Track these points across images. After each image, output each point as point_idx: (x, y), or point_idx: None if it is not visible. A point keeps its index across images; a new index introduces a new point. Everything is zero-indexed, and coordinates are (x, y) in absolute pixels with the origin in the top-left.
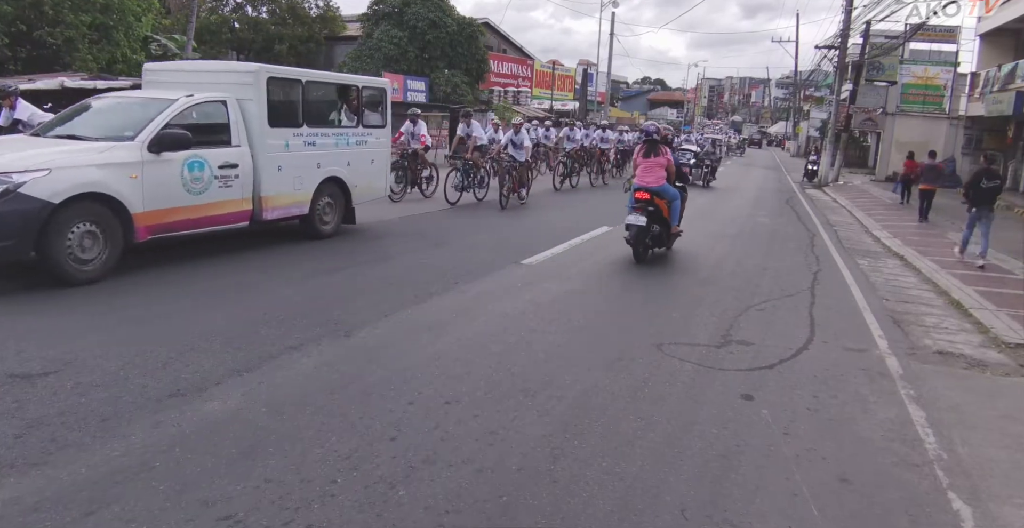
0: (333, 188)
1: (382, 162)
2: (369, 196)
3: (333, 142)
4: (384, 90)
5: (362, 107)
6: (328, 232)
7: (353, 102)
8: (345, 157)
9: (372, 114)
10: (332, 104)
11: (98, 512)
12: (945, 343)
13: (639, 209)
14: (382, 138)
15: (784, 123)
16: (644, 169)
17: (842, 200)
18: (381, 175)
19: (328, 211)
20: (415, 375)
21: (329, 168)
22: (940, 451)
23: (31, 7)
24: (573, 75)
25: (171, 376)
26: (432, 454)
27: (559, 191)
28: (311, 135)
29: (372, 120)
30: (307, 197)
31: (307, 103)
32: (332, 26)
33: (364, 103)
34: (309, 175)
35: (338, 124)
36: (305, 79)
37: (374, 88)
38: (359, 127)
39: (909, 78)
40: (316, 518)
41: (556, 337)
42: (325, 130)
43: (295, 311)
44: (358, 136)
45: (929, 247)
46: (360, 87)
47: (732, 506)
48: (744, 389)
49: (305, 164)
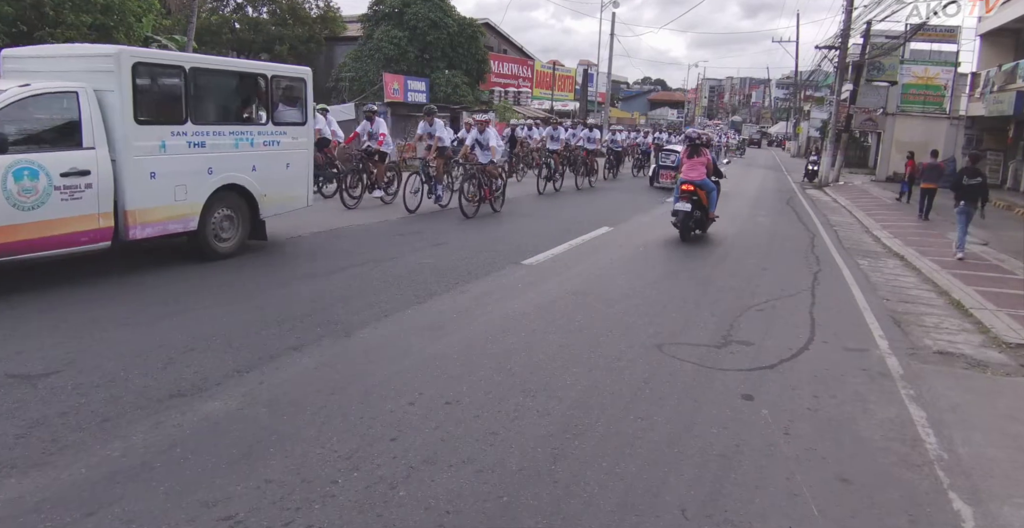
0: (233, 198)
1: (301, 166)
2: (284, 207)
3: (231, 142)
4: (304, 80)
5: (275, 101)
6: (226, 251)
7: (263, 94)
8: (249, 160)
9: (288, 109)
10: (231, 96)
11: (99, 512)
12: (945, 343)
13: (685, 198)
14: (301, 137)
15: (784, 123)
16: (688, 167)
17: (842, 200)
18: (300, 181)
19: (227, 226)
20: (416, 375)
21: (226, 174)
22: (940, 451)
23: (32, 8)
24: (573, 75)
25: (171, 376)
26: (432, 454)
27: (542, 195)
28: (199, 134)
29: (287, 116)
30: (194, 209)
31: (194, 95)
32: (333, 26)
33: (277, 96)
34: (197, 183)
35: (240, 121)
36: (190, 65)
37: (289, 78)
38: (269, 124)
39: (910, 78)
40: (317, 518)
41: (557, 337)
42: (220, 128)
43: (295, 311)
44: (268, 135)
45: (930, 247)
46: (270, 76)
47: (732, 506)
48: (744, 389)
49: (190, 169)
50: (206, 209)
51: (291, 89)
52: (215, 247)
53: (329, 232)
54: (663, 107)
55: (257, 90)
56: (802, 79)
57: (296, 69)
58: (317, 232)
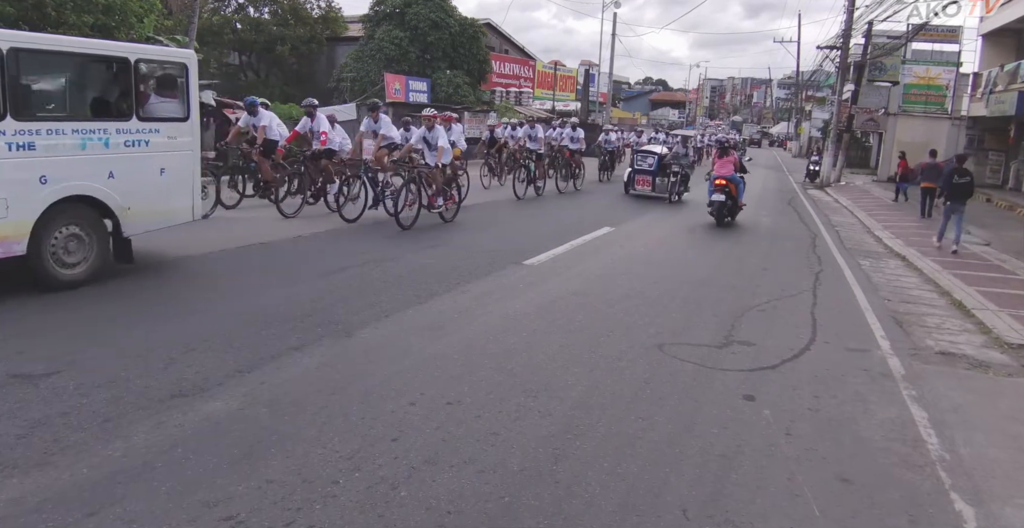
0: (83, 212)
1: (181, 171)
2: (159, 222)
3: (75, 143)
4: (184, 65)
5: (143, 91)
6: (72, 278)
7: (125, 83)
8: (103, 165)
9: (164, 101)
10: (77, 85)
11: (100, 512)
12: (947, 344)
13: (719, 190)
14: (182, 136)
15: (786, 123)
16: (720, 165)
17: (844, 200)
18: (181, 190)
19: (74, 248)
20: (416, 375)
21: (67, 183)
22: (942, 452)
23: (33, 8)
24: (575, 76)
25: (173, 377)
26: (434, 455)
27: (521, 200)
28: (25, 133)
29: (162, 110)
30: (20, 230)
31: (18, 83)
32: (334, 27)
33: (148, 85)
34: (23, 195)
35: (91, 116)
36: (9, 45)
37: (162, 62)
38: (133, 120)
39: (911, 78)
40: (318, 519)
41: (558, 337)
42: (58, 125)
43: (296, 311)
44: (132, 134)
45: (931, 248)
46: (133, 61)
47: (733, 506)
48: (745, 389)
49: (12, 178)
50: (40, 227)
51: (168, 77)
52: (55, 274)
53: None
54: (664, 107)
55: (116, 77)
56: (804, 79)
57: (173, 52)
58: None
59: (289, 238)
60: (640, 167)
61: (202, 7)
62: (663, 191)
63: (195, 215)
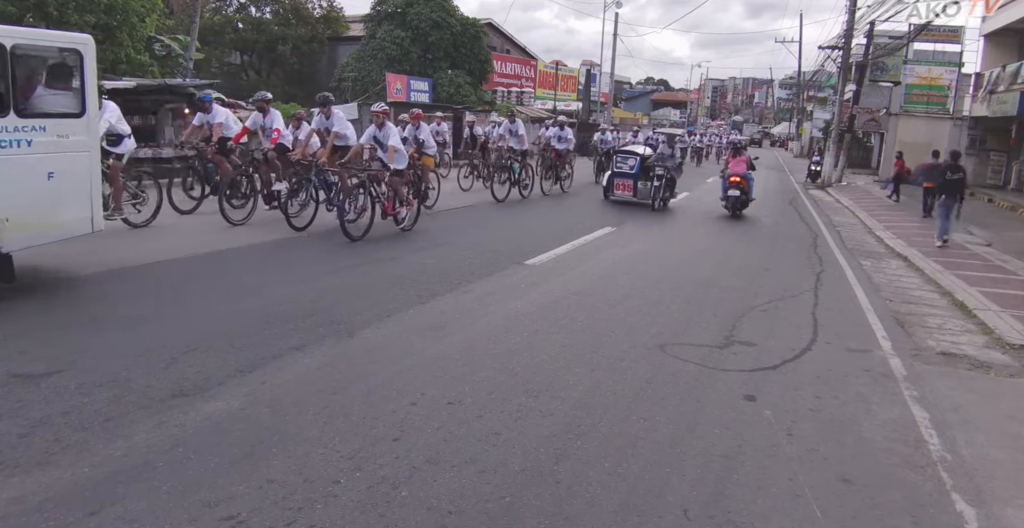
0: None
1: (75, 175)
2: (48, 235)
3: None
4: (78, 53)
5: (26, 82)
6: None
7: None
8: None
9: (53, 94)
10: None
11: (101, 512)
12: (949, 344)
13: (734, 186)
14: (76, 135)
15: (787, 123)
16: (734, 164)
17: (845, 201)
18: (76, 198)
19: None
20: (418, 375)
21: None
22: (943, 452)
23: (36, 8)
24: (576, 75)
25: (174, 376)
26: (435, 455)
27: (500, 203)
28: None
29: (49, 104)
30: None
31: None
32: (335, 26)
33: (35, 76)
34: None
35: None
36: None
37: (48, 48)
38: (10, 116)
39: (913, 78)
40: (319, 518)
41: (559, 337)
42: None
43: (297, 311)
44: (7, 132)
45: (932, 248)
46: (9, 47)
47: (735, 506)
48: (747, 390)
49: None
50: None
51: (58, 66)
52: None
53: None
54: (666, 107)
55: None
56: (805, 79)
57: (63, 36)
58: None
59: (290, 238)
60: (620, 169)
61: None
62: (645, 197)
63: (94, 226)
